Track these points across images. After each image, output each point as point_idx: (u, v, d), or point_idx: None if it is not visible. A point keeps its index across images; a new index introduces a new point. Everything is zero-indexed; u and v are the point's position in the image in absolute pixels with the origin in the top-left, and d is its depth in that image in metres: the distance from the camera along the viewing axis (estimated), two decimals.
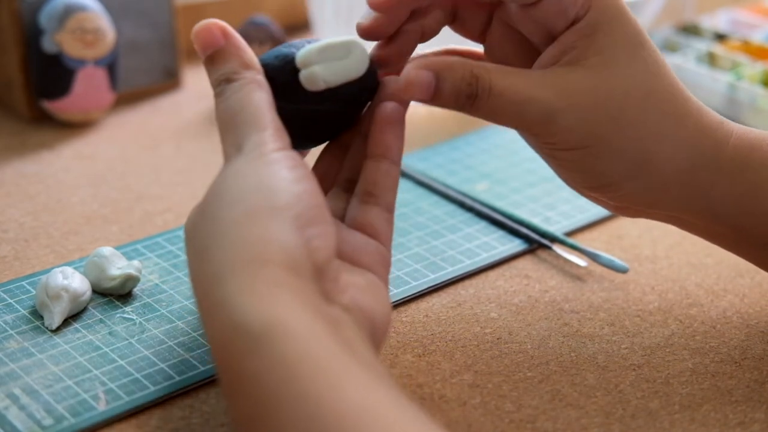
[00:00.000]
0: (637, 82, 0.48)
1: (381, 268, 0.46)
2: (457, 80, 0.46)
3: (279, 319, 0.38)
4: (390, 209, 0.48)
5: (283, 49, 0.47)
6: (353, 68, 0.47)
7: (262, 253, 0.40)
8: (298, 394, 0.36)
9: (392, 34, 0.49)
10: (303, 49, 0.46)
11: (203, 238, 0.42)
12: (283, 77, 0.46)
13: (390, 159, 0.48)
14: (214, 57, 0.46)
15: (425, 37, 0.50)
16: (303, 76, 0.46)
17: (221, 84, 0.45)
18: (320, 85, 0.46)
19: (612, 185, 0.49)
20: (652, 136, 0.48)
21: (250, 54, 0.46)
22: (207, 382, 0.49)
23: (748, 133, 0.50)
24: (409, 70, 0.46)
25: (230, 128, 0.44)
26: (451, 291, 0.57)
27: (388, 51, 0.49)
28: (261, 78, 0.45)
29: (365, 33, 0.48)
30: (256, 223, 0.40)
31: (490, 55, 0.52)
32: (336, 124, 0.49)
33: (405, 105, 0.48)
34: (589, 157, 0.48)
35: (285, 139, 0.43)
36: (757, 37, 0.88)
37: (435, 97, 0.46)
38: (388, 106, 0.48)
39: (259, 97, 0.44)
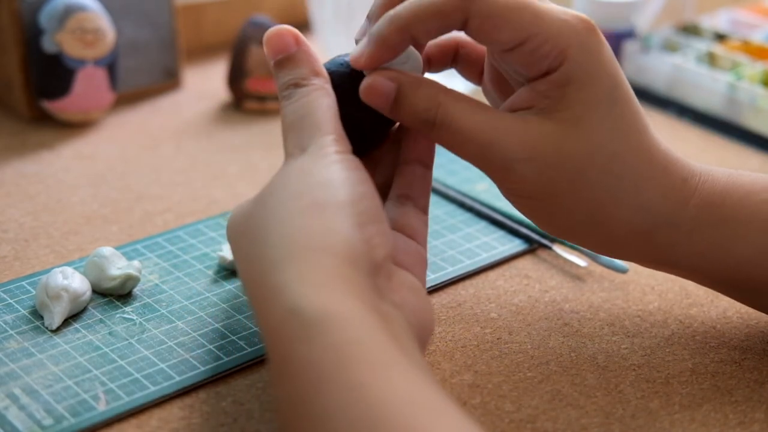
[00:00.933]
0: (602, 144, 0.47)
1: (420, 269, 0.47)
2: (415, 101, 0.47)
3: (334, 308, 0.39)
4: (425, 211, 0.50)
5: (346, 57, 0.49)
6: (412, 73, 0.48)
7: (324, 242, 0.41)
8: (347, 381, 0.37)
9: None
10: None
11: (263, 224, 0.43)
12: (348, 84, 0.48)
13: (424, 163, 0.50)
14: (284, 62, 0.47)
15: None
16: None
17: (289, 88, 0.47)
18: None
19: (568, 237, 0.50)
20: (609, 200, 0.48)
21: (319, 62, 0.48)
22: (207, 382, 0.49)
23: (713, 186, 0.49)
24: (374, 74, 0.47)
25: (295, 129, 0.45)
26: (451, 291, 0.57)
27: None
28: (328, 86, 0.47)
29: (359, 66, 0.48)
30: (321, 214, 0.42)
31: (483, 91, 0.54)
32: (387, 130, 0.51)
33: None
34: (544, 209, 0.49)
35: (347, 144, 0.45)
36: (757, 37, 0.88)
37: (393, 111, 0.47)
38: None
39: (327, 104, 0.46)
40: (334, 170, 0.43)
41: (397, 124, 0.51)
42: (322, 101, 0.46)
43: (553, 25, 0.46)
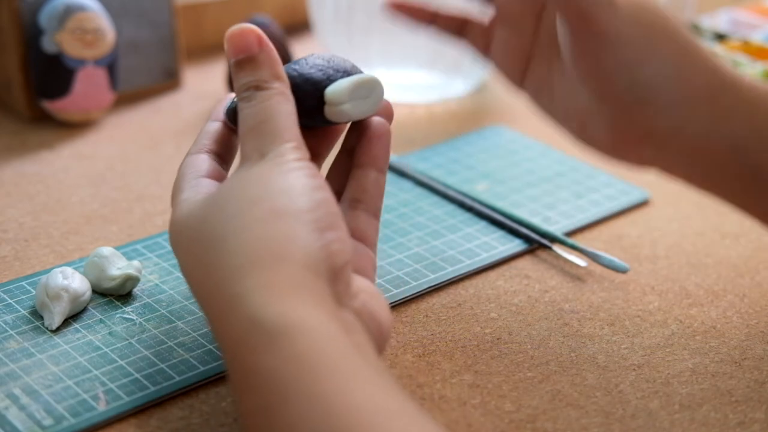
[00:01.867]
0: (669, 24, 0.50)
1: (370, 272, 0.48)
2: None
3: (296, 318, 0.38)
4: (377, 216, 0.50)
5: (311, 70, 0.49)
6: (374, 105, 0.49)
7: (284, 250, 0.40)
8: (311, 391, 0.37)
9: None
10: (334, 86, 0.48)
11: (220, 231, 0.42)
12: (310, 102, 0.48)
13: (377, 168, 0.50)
14: (245, 63, 0.47)
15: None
16: (331, 112, 0.48)
17: (249, 90, 0.46)
18: (345, 120, 0.49)
19: (644, 94, 0.50)
20: (684, 48, 0.49)
21: (281, 67, 0.47)
22: (207, 382, 0.49)
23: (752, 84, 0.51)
24: None
25: (254, 134, 0.45)
26: (451, 291, 0.57)
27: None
28: (288, 92, 0.46)
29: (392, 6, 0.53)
30: (281, 221, 0.41)
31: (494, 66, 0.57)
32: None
33: (389, 119, 0.51)
34: (632, 49, 0.49)
35: (306, 152, 0.45)
36: (757, 37, 0.88)
37: None
38: (375, 120, 0.50)
39: (287, 110, 0.46)
40: (293, 177, 0.43)
41: (345, 130, 0.52)
42: (283, 107, 0.45)
43: None
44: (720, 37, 0.88)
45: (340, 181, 0.51)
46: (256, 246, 0.41)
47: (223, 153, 0.51)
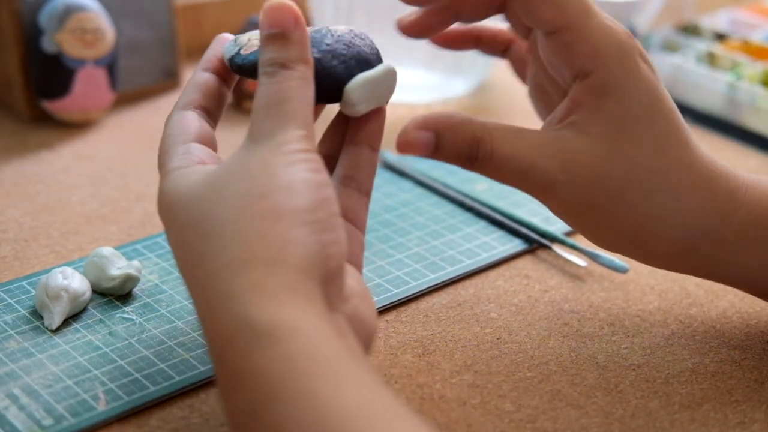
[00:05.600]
0: (639, 162, 0.47)
1: (359, 253, 0.47)
2: (458, 142, 0.47)
3: (289, 319, 0.38)
4: (368, 194, 0.49)
5: (333, 62, 0.47)
6: (386, 97, 0.49)
7: (279, 252, 0.40)
8: (301, 390, 0.36)
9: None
10: (354, 86, 0.47)
11: (217, 220, 0.41)
12: (327, 97, 0.47)
13: (371, 146, 0.49)
14: (277, 38, 0.45)
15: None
16: (346, 108, 0.48)
17: (275, 66, 0.44)
18: (356, 115, 0.48)
19: (615, 250, 0.50)
20: (649, 216, 0.48)
21: (309, 50, 0.46)
22: (207, 382, 0.49)
23: (761, 198, 0.49)
24: (408, 129, 0.47)
25: (268, 113, 0.44)
26: (451, 291, 0.57)
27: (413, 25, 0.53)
28: (311, 77, 0.45)
29: (403, 30, 0.53)
30: (279, 222, 0.40)
31: (531, 99, 0.57)
32: None
33: None
34: (590, 225, 0.49)
35: (314, 142, 0.44)
36: (757, 37, 0.88)
37: (435, 154, 0.47)
38: None
39: (306, 96, 0.44)
40: (296, 171, 0.42)
41: None
42: (302, 92, 0.44)
43: (595, 25, 0.47)
44: (720, 37, 0.89)
45: (332, 146, 0.50)
46: (253, 245, 0.40)
47: (213, 108, 0.49)
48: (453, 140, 0.47)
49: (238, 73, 0.49)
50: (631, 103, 0.47)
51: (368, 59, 0.48)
